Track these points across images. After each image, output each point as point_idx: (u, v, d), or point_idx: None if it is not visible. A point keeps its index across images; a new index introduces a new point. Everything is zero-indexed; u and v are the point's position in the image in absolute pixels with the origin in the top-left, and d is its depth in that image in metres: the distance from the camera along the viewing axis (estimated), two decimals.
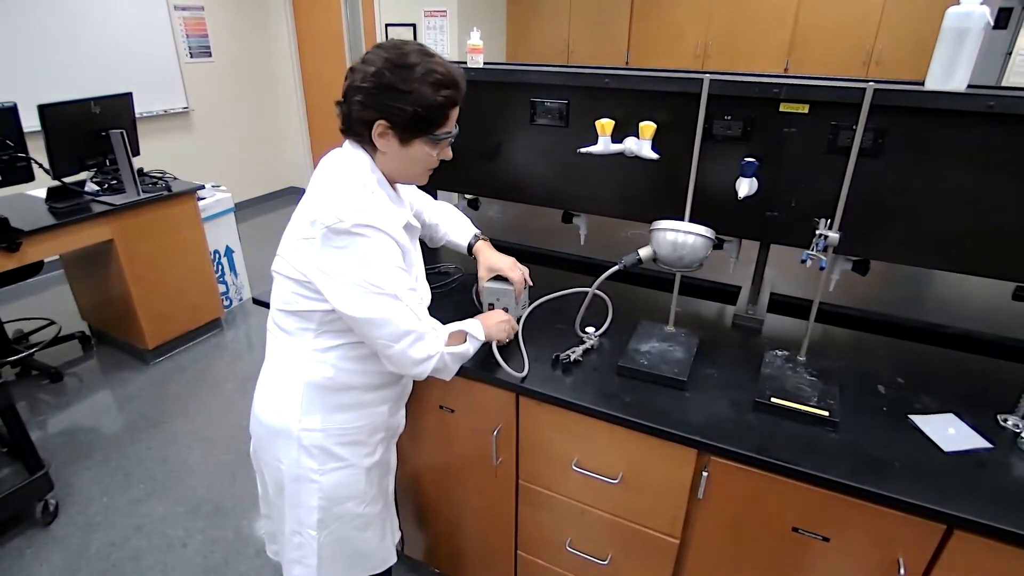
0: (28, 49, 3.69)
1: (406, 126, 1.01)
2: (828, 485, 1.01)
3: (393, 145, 1.03)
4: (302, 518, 1.19)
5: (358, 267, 0.98)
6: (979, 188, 1.15)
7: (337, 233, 0.97)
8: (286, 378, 1.13)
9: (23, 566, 1.90)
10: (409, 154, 1.05)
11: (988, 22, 1.08)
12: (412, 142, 1.03)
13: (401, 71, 0.97)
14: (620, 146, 1.39)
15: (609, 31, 4.79)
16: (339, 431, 1.15)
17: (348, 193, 1.00)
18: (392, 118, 0.99)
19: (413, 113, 0.99)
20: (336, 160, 1.07)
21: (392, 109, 0.98)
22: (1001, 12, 3.64)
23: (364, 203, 1.00)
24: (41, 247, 2.44)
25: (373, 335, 1.03)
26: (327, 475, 1.15)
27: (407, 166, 1.08)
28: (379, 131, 1.00)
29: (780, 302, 1.59)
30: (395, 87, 0.97)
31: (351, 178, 1.03)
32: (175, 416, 2.63)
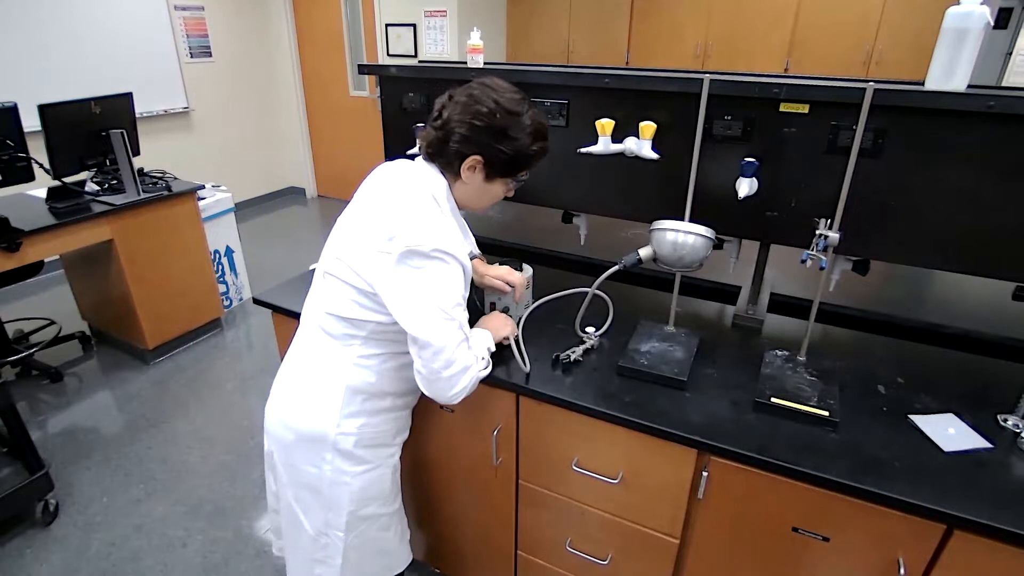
0: (28, 49, 3.69)
1: (499, 167, 1.07)
2: (828, 485, 1.01)
3: (478, 179, 1.08)
4: (330, 520, 1.21)
5: (432, 290, 1.01)
6: (979, 188, 1.15)
7: (417, 254, 1.00)
8: (326, 382, 1.14)
9: (23, 566, 1.90)
10: (488, 189, 1.11)
11: (988, 22, 1.08)
12: (496, 180, 1.09)
13: (511, 117, 1.04)
14: (620, 146, 1.39)
15: (609, 31, 4.79)
16: (372, 434, 1.18)
17: (430, 216, 1.04)
18: (489, 158, 1.05)
19: (511, 158, 1.06)
20: (413, 177, 1.09)
21: (493, 150, 1.04)
22: (1001, 12, 3.64)
23: (444, 229, 1.03)
24: (41, 247, 2.44)
25: (426, 356, 1.05)
26: (359, 477, 1.19)
27: (481, 198, 1.14)
28: (470, 165, 1.05)
29: (780, 302, 1.59)
30: (505, 132, 1.04)
31: (431, 202, 1.06)
32: (175, 416, 2.63)
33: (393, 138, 1.77)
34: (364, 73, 2.04)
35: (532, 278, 1.48)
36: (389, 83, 1.73)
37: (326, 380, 1.14)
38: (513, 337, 1.34)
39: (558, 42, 5.00)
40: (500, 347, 1.34)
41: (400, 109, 1.71)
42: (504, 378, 1.26)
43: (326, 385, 1.14)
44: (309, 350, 1.17)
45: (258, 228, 5.05)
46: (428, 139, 1.09)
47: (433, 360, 1.04)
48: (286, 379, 1.21)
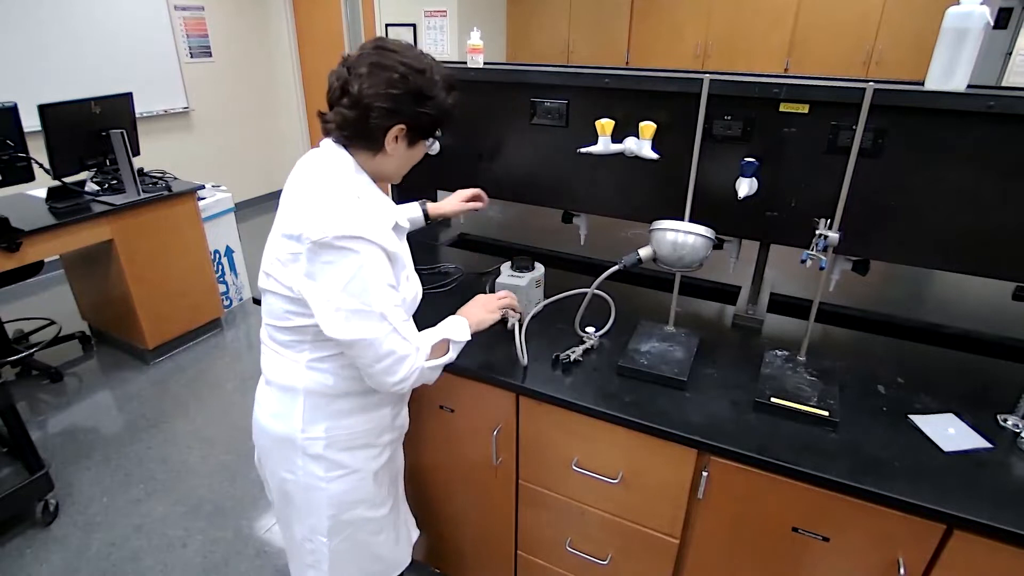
0: (28, 49, 3.69)
1: (422, 130, 1.02)
2: (828, 485, 1.01)
3: (401, 148, 1.03)
4: (314, 525, 1.19)
5: (345, 284, 0.95)
6: (979, 188, 1.15)
7: (324, 248, 0.93)
8: (286, 390, 1.11)
9: (23, 566, 1.90)
10: (411, 155, 1.06)
11: (988, 22, 1.08)
12: (418, 143, 1.04)
13: (422, 76, 0.97)
14: (620, 146, 1.39)
15: (609, 31, 4.79)
16: (345, 437, 1.13)
17: (333, 203, 0.96)
18: (413, 123, 0.99)
19: (434, 118, 1.00)
20: (317, 165, 1.02)
21: (417, 115, 0.99)
22: (1001, 12, 3.64)
23: (351, 213, 0.95)
24: (41, 247, 2.44)
25: (354, 354, 1.01)
26: (334, 482, 1.14)
27: (403, 166, 1.08)
28: (394, 135, 0.99)
29: (780, 302, 1.59)
30: (423, 93, 0.97)
31: (336, 185, 0.99)
32: (175, 416, 2.63)
33: None
34: None
35: (543, 277, 1.48)
36: None
37: (284, 387, 1.11)
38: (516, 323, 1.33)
39: (558, 42, 5.00)
40: (500, 346, 1.34)
41: None
42: (504, 378, 1.26)
43: (285, 392, 1.11)
44: (267, 357, 1.14)
45: (258, 228, 5.06)
46: (341, 121, 0.99)
47: (362, 356, 1.00)
48: (260, 386, 1.19)
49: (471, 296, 1.34)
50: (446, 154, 1.68)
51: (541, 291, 1.48)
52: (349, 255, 0.94)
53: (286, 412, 1.11)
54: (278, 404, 1.13)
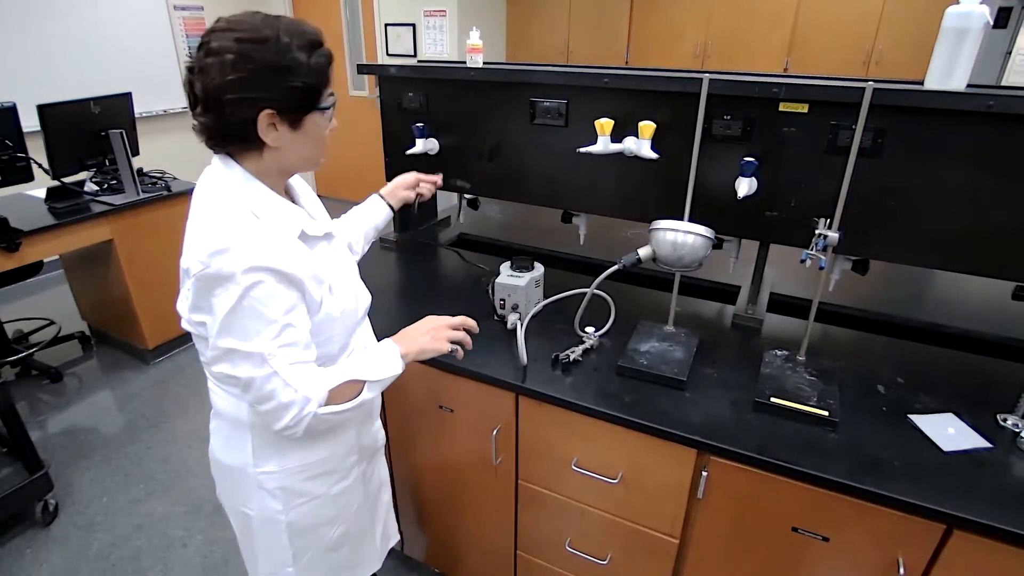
0: (28, 49, 3.69)
1: (296, 106, 0.86)
2: (828, 485, 1.01)
3: (285, 134, 0.87)
4: (277, 558, 1.12)
5: (221, 321, 0.84)
6: (978, 188, 1.15)
7: (203, 281, 0.84)
8: (234, 423, 1.04)
9: (23, 566, 1.90)
10: (304, 137, 0.90)
11: (988, 22, 1.08)
12: (304, 121, 0.88)
13: (266, 45, 0.82)
14: (620, 146, 1.39)
15: (609, 31, 4.78)
16: (300, 468, 1.05)
17: (214, 230, 0.84)
18: (279, 102, 0.84)
19: (301, 88, 0.85)
20: (204, 185, 0.90)
21: (276, 92, 0.83)
22: (1001, 12, 3.64)
23: (229, 240, 0.83)
24: (41, 247, 2.44)
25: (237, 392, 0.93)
26: (293, 511, 1.08)
27: (305, 151, 0.92)
28: (267, 123, 0.84)
29: (780, 302, 1.59)
30: (272, 64, 0.82)
31: (219, 207, 0.87)
32: (175, 416, 2.63)
33: (392, 138, 1.77)
34: (363, 73, 2.03)
35: (543, 277, 1.48)
36: (388, 83, 1.73)
37: (232, 420, 1.03)
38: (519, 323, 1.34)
39: (558, 42, 5.00)
40: (500, 346, 1.34)
41: (399, 109, 1.71)
42: (504, 378, 1.26)
43: (234, 425, 1.04)
44: (213, 393, 1.06)
45: None
46: (202, 129, 0.87)
47: (245, 395, 0.90)
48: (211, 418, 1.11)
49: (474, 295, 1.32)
50: (446, 154, 1.68)
51: (541, 291, 1.48)
52: (226, 288, 0.83)
53: (237, 446, 1.04)
54: (228, 437, 1.06)
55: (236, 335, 0.85)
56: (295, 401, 0.89)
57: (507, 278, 1.42)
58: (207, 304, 0.86)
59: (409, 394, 1.46)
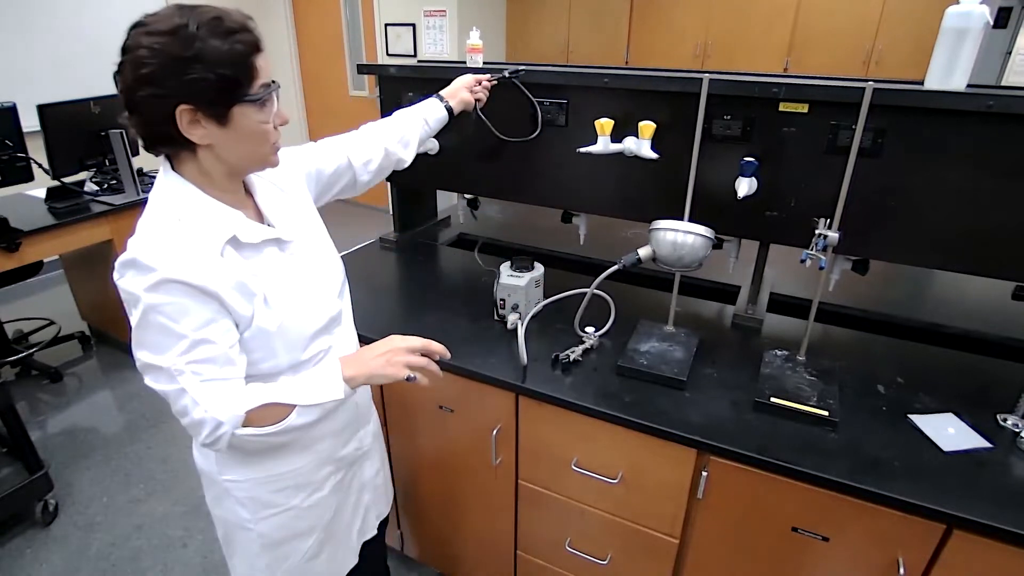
0: (28, 49, 3.69)
1: (215, 98, 0.79)
2: (828, 485, 1.01)
3: (212, 131, 0.81)
4: (252, 563, 1.10)
5: (136, 333, 0.84)
6: (978, 188, 1.15)
7: (122, 291, 0.83)
8: None
9: (23, 566, 1.90)
10: (237, 133, 0.83)
11: (988, 22, 1.08)
12: (231, 115, 0.81)
13: (175, 36, 0.77)
14: (620, 146, 1.39)
15: (609, 31, 4.78)
16: (267, 478, 1.02)
17: (134, 239, 0.82)
18: (194, 96, 0.78)
19: (215, 78, 0.78)
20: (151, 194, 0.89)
21: (188, 84, 0.77)
22: (1001, 12, 3.64)
23: (141, 250, 0.80)
24: (41, 247, 2.44)
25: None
26: (262, 522, 1.05)
27: (243, 148, 0.86)
28: (187, 120, 0.79)
29: (780, 302, 1.59)
30: (180, 56, 0.76)
31: (147, 215, 0.85)
32: (175, 416, 2.63)
33: None
34: (363, 73, 2.04)
35: (543, 277, 1.48)
36: (388, 83, 1.73)
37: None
38: (520, 323, 1.33)
39: (558, 42, 5.00)
40: (499, 346, 1.34)
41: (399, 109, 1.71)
42: (504, 378, 1.26)
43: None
44: None
45: None
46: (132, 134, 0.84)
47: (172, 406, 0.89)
48: None
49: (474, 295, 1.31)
50: (446, 154, 1.68)
51: (541, 291, 1.48)
52: (137, 300, 0.81)
53: (204, 451, 1.03)
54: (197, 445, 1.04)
55: (147, 348, 0.84)
56: (205, 420, 0.86)
57: (507, 278, 1.42)
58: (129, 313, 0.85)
59: (409, 394, 1.46)
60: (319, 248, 1.05)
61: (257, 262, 0.91)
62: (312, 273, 1.01)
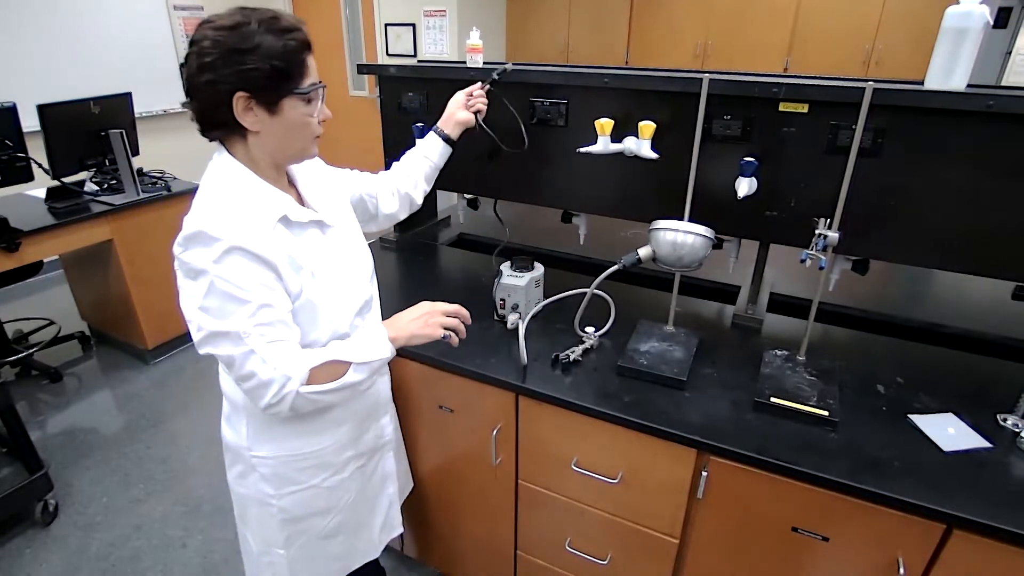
0: (28, 49, 3.69)
1: (267, 87, 0.88)
2: (828, 485, 1.01)
3: (263, 117, 0.90)
4: (268, 537, 1.16)
5: (199, 300, 0.88)
6: (978, 188, 1.15)
7: (181, 263, 0.88)
8: (233, 404, 1.10)
9: (23, 566, 1.90)
10: (284, 122, 0.92)
11: (988, 22, 1.08)
12: (281, 105, 0.90)
13: (236, 31, 0.86)
14: (620, 146, 1.39)
15: (609, 31, 4.78)
16: (292, 457, 1.09)
17: (195, 213, 0.89)
18: (249, 83, 0.86)
19: (270, 69, 0.86)
20: (207, 174, 0.95)
21: (245, 73, 0.85)
22: (1001, 12, 3.64)
23: (209, 220, 0.87)
24: (40, 247, 2.44)
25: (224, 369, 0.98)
26: (285, 498, 1.11)
27: (288, 137, 0.94)
28: (242, 107, 0.87)
29: (780, 302, 1.59)
30: (239, 48, 0.85)
31: (205, 192, 0.92)
32: (175, 416, 2.63)
33: (392, 138, 1.77)
34: (363, 73, 2.03)
35: (543, 277, 1.48)
36: (388, 83, 1.73)
37: (232, 401, 1.09)
38: (518, 322, 1.34)
39: (558, 42, 5.00)
40: (499, 346, 1.34)
41: (399, 109, 1.71)
42: (504, 378, 1.26)
43: (233, 407, 1.09)
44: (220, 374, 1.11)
45: None
46: (193, 118, 0.92)
47: (229, 372, 0.93)
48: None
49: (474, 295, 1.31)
50: None
51: (541, 291, 1.48)
52: (201, 268, 0.86)
53: (235, 426, 1.10)
54: (229, 416, 1.12)
55: (213, 315, 0.88)
56: (274, 379, 0.91)
57: (508, 278, 1.42)
58: (181, 284, 0.90)
59: (409, 394, 1.46)
60: (354, 235, 1.13)
61: (303, 240, 0.99)
62: (349, 256, 1.09)
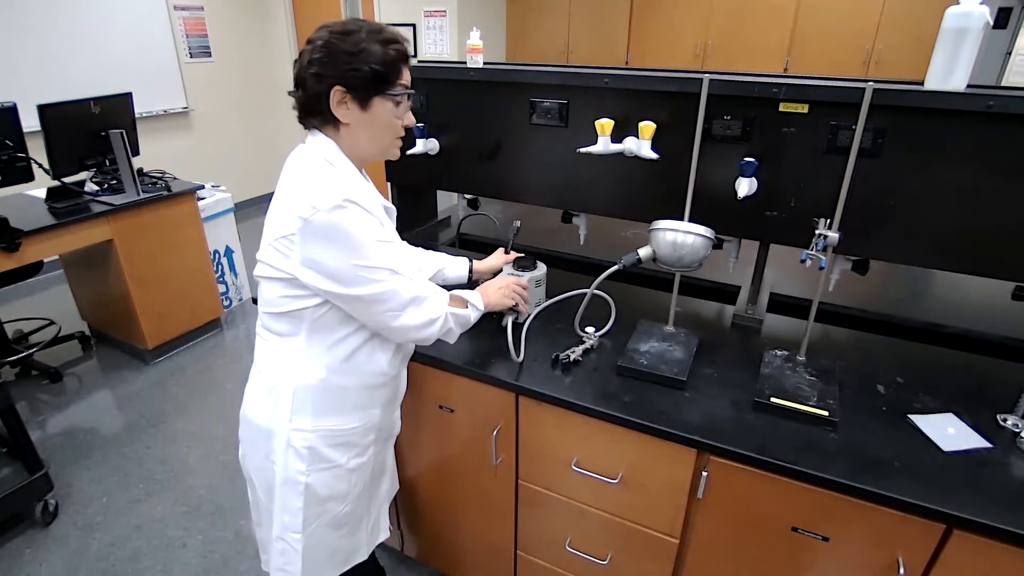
0: (28, 49, 3.69)
1: (363, 86, 1.00)
2: (828, 485, 1.01)
3: (354, 112, 1.02)
4: (286, 523, 1.18)
5: (347, 251, 0.98)
6: (978, 188, 1.15)
7: (316, 223, 0.96)
8: (276, 381, 1.12)
9: (23, 566, 1.90)
10: (373, 119, 1.04)
11: (988, 22, 1.08)
12: (372, 103, 1.02)
13: (347, 36, 1.00)
14: (620, 146, 1.39)
15: (609, 31, 4.79)
16: (329, 432, 1.14)
17: (316, 179, 0.99)
18: (348, 80, 0.99)
19: (368, 72, 0.99)
20: (301, 153, 1.06)
21: (346, 71, 0.98)
22: (1001, 12, 3.64)
23: (334, 183, 0.99)
24: (41, 247, 2.44)
25: (377, 311, 1.05)
26: (313, 475, 1.14)
27: (374, 134, 1.06)
28: (337, 99, 1.00)
29: (780, 302, 1.59)
30: (346, 51, 0.98)
31: (317, 162, 1.02)
32: (175, 416, 2.63)
33: None
34: None
35: (545, 277, 1.48)
36: None
37: (274, 379, 1.12)
38: (511, 321, 1.35)
39: (558, 42, 5.00)
40: (499, 345, 1.34)
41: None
42: (504, 378, 1.26)
43: (275, 384, 1.12)
44: (261, 347, 1.15)
45: (258, 228, 5.00)
46: (295, 105, 1.05)
47: (386, 311, 1.05)
48: (250, 379, 1.19)
49: None
50: (446, 154, 1.68)
51: (543, 291, 1.48)
52: (341, 223, 0.97)
53: (274, 403, 1.12)
54: (267, 395, 1.13)
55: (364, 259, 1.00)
56: (429, 295, 1.10)
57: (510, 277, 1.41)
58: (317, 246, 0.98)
59: (409, 394, 1.46)
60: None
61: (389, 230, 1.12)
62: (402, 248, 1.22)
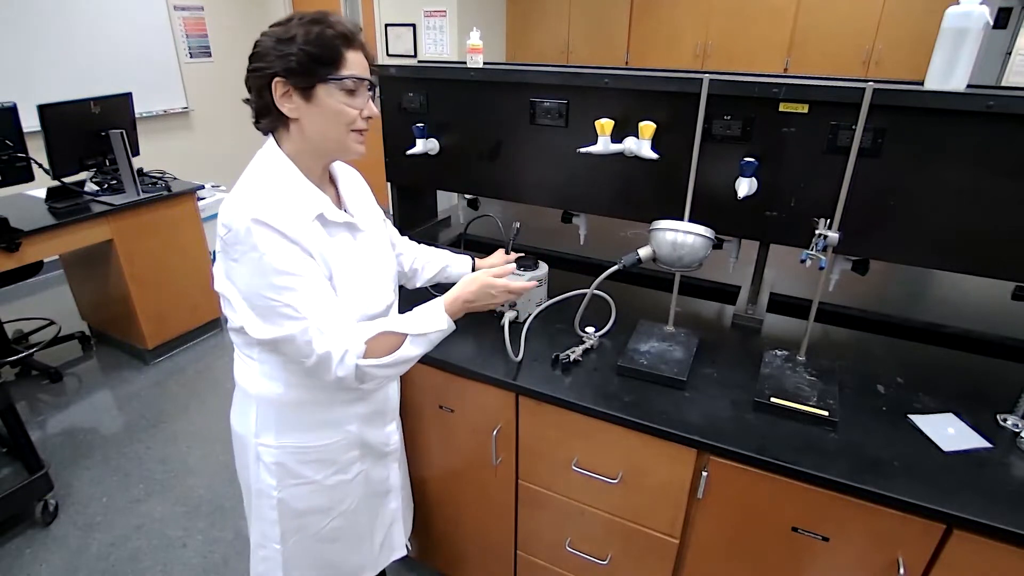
0: (28, 49, 3.69)
1: (301, 71, 0.92)
2: (827, 485, 1.01)
3: (299, 104, 0.94)
4: (265, 531, 1.17)
5: (252, 278, 0.92)
6: (978, 188, 1.15)
7: (228, 244, 0.92)
8: (243, 394, 1.11)
9: (23, 566, 1.90)
10: (320, 111, 0.94)
11: (988, 22, 1.08)
12: (315, 91, 0.93)
13: (279, 25, 0.95)
14: (620, 146, 1.39)
15: (609, 31, 4.78)
16: (297, 449, 1.10)
17: (239, 197, 0.93)
18: (285, 68, 0.91)
19: (302, 55, 0.91)
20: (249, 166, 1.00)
21: (279, 58, 0.91)
22: (1001, 12, 3.64)
23: (254, 203, 0.90)
24: (41, 247, 2.44)
25: (283, 353, 0.99)
26: (285, 491, 1.12)
27: (323, 128, 0.96)
28: (280, 91, 0.92)
29: (780, 302, 1.59)
30: (277, 38, 0.93)
31: (252, 172, 0.97)
32: (175, 416, 2.63)
33: (392, 138, 1.77)
34: None
35: (547, 276, 1.47)
36: (388, 83, 1.72)
37: (242, 392, 1.11)
38: (508, 320, 1.33)
39: (558, 42, 5.00)
40: (499, 346, 1.34)
41: (399, 109, 1.71)
42: (503, 378, 1.26)
43: (242, 397, 1.11)
44: (235, 359, 1.13)
45: None
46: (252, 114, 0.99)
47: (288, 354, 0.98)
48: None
49: None
50: (446, 154, 1.68)
51: (544, 290, 1.48)
52: (253, 248, 0.89)
53: (244, 414, 1.11)
54: (239, 405, 1.13)
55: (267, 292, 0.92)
56: (331, 350, 0.94)
57: (511, 277, 1.41)
58: (229, 266, 0.94)
59: (409, 394, 1.46)
60: (382, 242, 1.16)
61: (335, 242, 1.02)
62: (376, 261, 1.12)
